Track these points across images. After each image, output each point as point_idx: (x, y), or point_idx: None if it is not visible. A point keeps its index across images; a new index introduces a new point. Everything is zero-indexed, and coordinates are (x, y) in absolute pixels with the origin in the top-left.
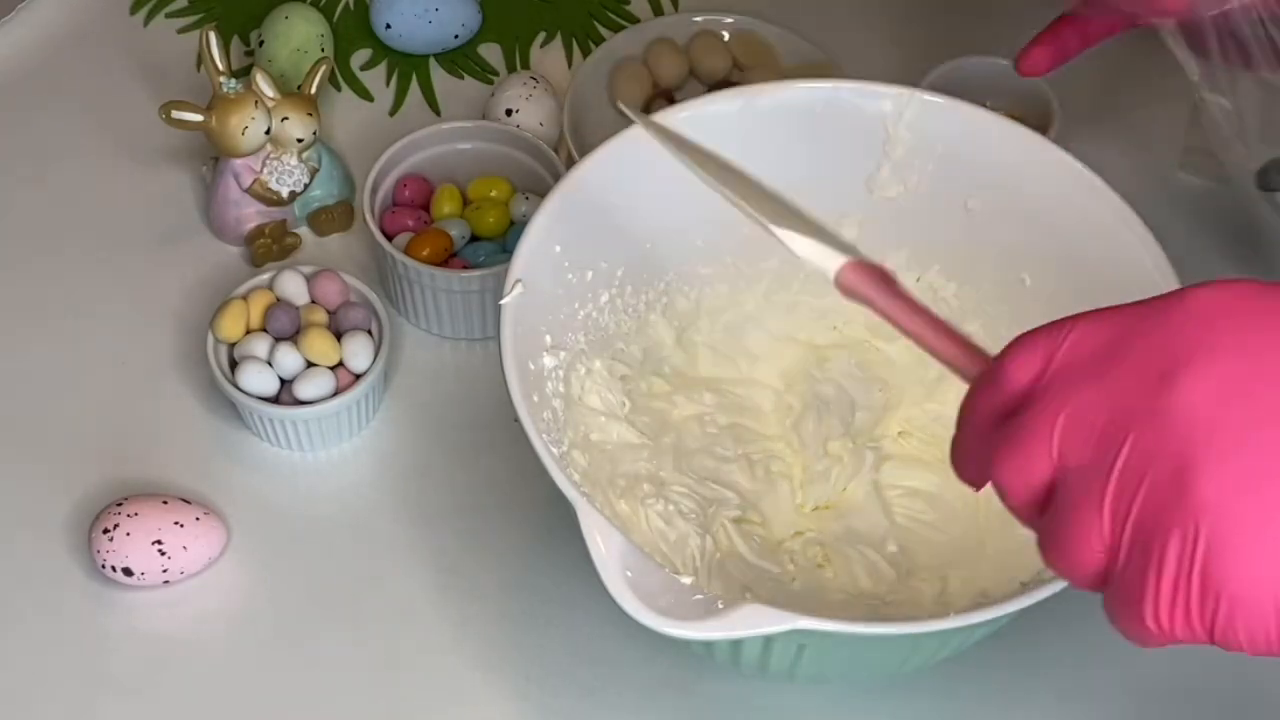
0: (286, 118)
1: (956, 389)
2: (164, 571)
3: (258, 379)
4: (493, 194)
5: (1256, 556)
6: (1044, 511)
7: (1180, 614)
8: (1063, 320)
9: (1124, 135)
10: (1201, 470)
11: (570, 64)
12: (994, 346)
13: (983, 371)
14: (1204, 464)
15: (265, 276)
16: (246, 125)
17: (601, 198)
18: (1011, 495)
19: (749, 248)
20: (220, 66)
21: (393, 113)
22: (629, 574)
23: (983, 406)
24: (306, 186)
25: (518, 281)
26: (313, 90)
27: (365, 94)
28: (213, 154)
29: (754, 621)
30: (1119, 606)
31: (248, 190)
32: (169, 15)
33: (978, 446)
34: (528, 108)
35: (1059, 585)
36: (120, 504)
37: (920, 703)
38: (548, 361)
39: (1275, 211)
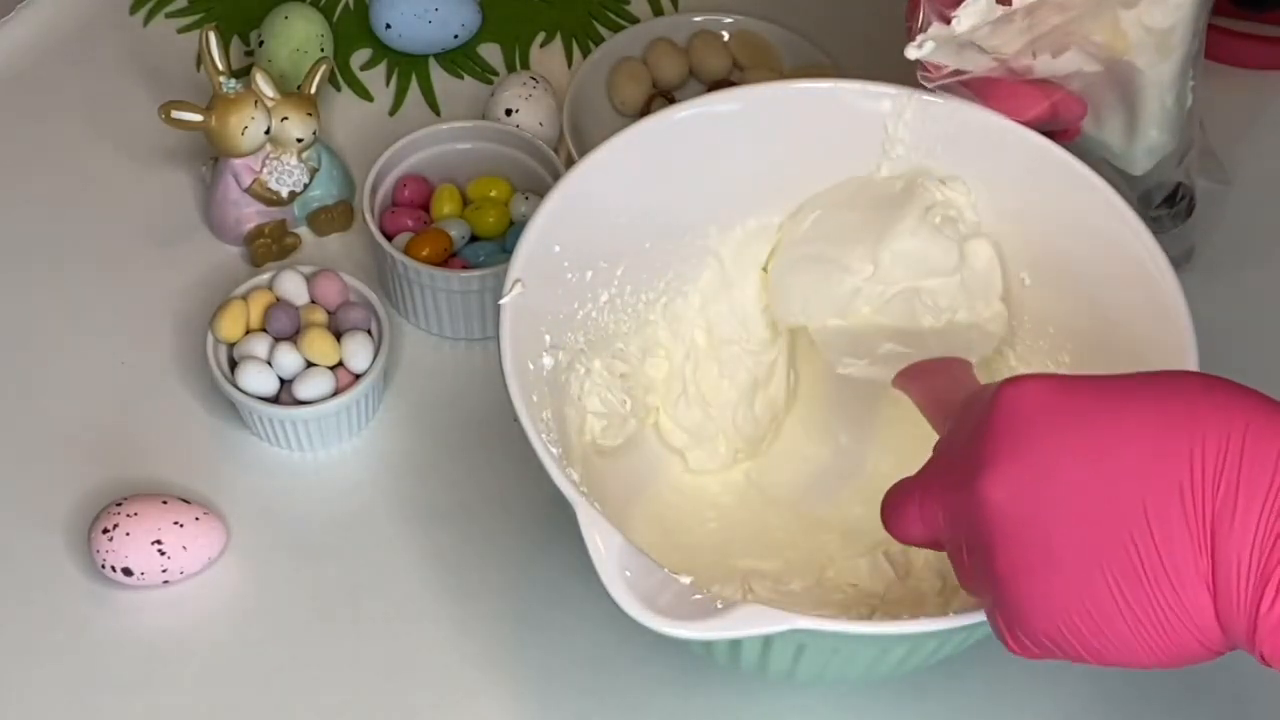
0: (286, 118)
1: None
2: (164, 571)
3: (257, 379)
4: (492, 194)
5: (1040, 620)
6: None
7: (1019, 643)
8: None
9: None
10: (995, 550)
11: (570, 64)
12: (994, 349)
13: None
14: (996, 545)
15: (265, 276)
16: (246, 125)
17: (601, 198)
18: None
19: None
20: (220, 66)
21: (392, 113)
22: (628, 574)
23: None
24: (306, 186)
25: (517, 281)
26: (313, 90)
27: (365, 94)
28: (213, 154)
29: (753, 621)
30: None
31: (247, 190)
32: (169, 15)
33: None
34: (527, 108)
35: None
36: (120, 504)
37: (920, 703)
38: (547, 361)
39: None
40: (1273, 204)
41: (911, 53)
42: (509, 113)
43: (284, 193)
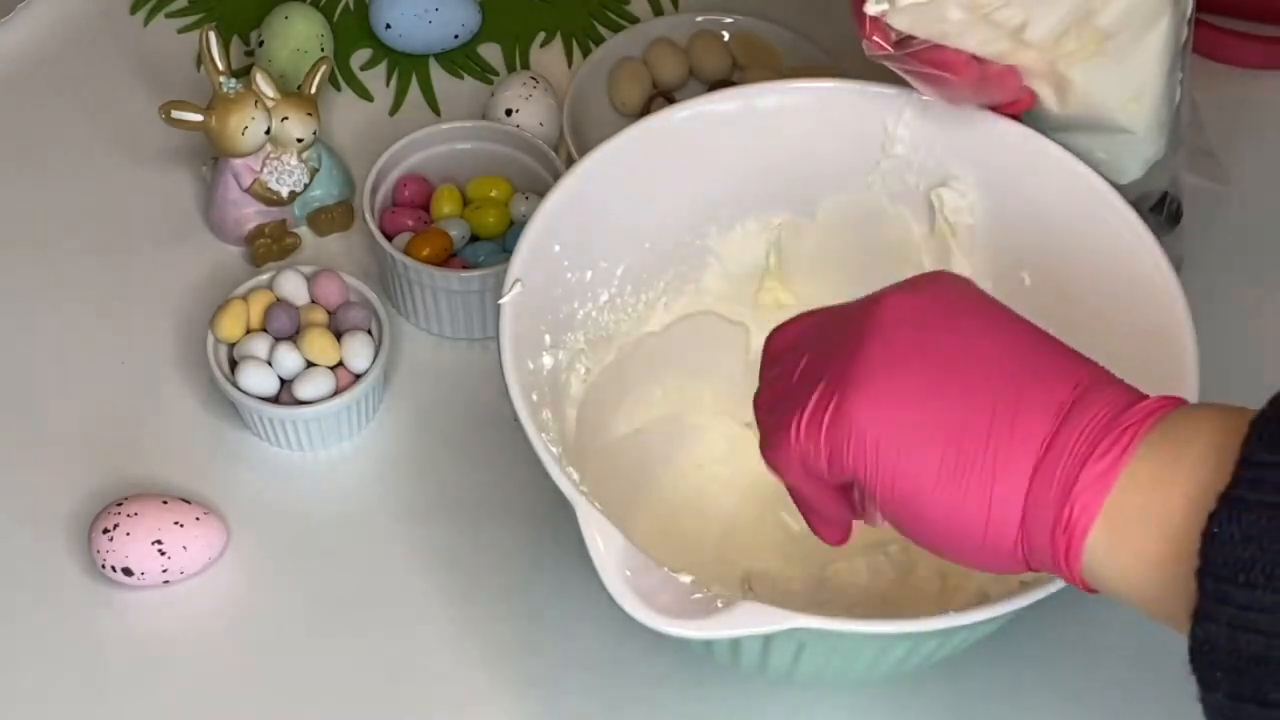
0: (286, 118)
1: None
2: (164, 571)
3: (258, 379)
4: (493, 194)
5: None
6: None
7: (812, 431)
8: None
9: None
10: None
11: (570, 64)
12: None
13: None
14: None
15: (265, 276)
16: (246, 125)
17: (601, 198)
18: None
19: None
20: (220, 66)
21: (393, 113)
22: (628, 573)
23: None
24: (306, 186)
25: (517, 281)
26: (313, 90)
27: (365, 94)
28: (213, 154)
29: (753, 620)
30: (768, 426)
31: (248, 190)
32: (169, 15)
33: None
34: (528, 108)
35: (1059, 585)
36: (120, 504)
37: (920, 703)
38: (547, 361)
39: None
40: (1271, 203)
41: (871, 8)
42: (509, 113)
43: (284, 193)
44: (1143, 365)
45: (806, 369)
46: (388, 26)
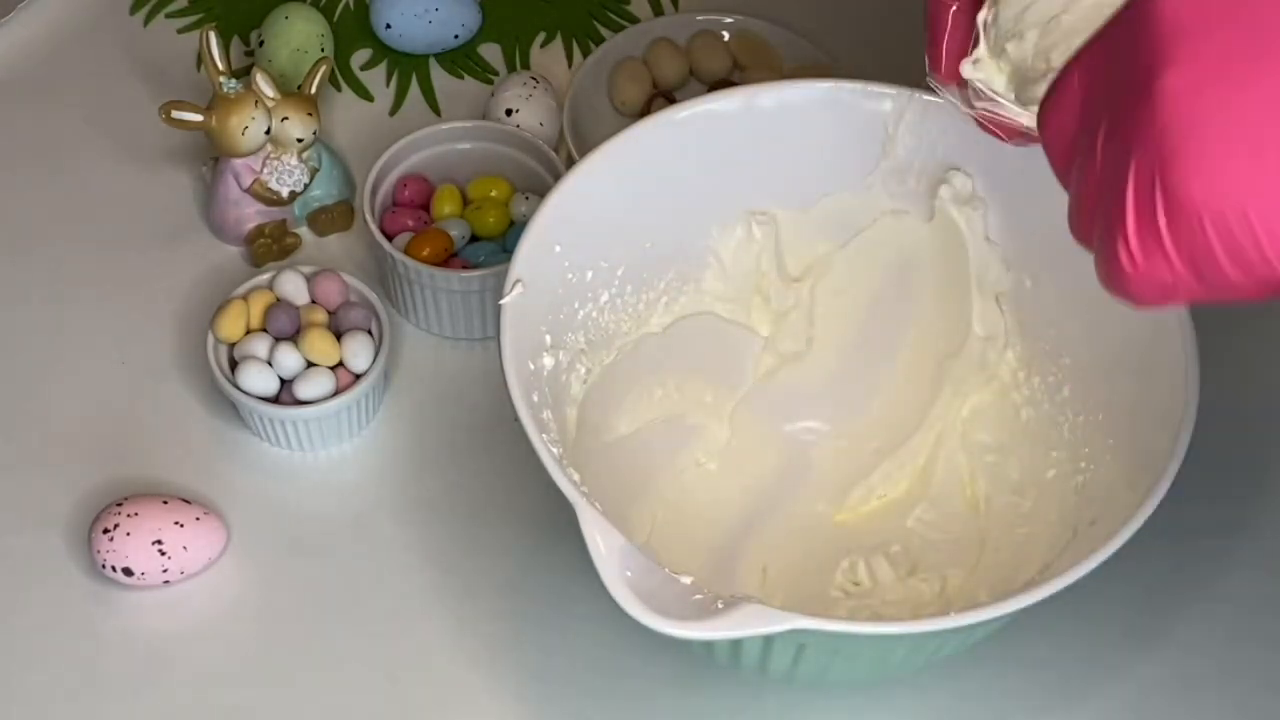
0: (286, 118)
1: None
2: (164, 571)
3: (258, 379)
4: (493, 194)
5: (1217, 159)
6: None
7: (1152, 239)
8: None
9: None
10: (1166, 68)
11: (570, 64)
12: (995, 350)
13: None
14: (1169, 62)
15: (265, 276)
16: (246, 125)
17: (601, 198)
18: (1050, 145)
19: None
20: (220, 66)
21: (393, 113)
22: (629, 574)
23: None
24: (306, 186)
25: (517, 281)
26: (313, 90)
27: (365, 94)
28: (213, 154)
29: (754, 621)
30: (1100, 248)
31: (248, 190)
32: (169, 15)
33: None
34: (528, 108)
35: (1059, 585)
36: (120, 504)
37: (920, 703)
38: (547, 361)
39: None
40: None
41: (967, 71)
42: (509, 113)
43: (284, 193)
44: (1141, 364)
45: (1109, 139)
46: (388, 26)
